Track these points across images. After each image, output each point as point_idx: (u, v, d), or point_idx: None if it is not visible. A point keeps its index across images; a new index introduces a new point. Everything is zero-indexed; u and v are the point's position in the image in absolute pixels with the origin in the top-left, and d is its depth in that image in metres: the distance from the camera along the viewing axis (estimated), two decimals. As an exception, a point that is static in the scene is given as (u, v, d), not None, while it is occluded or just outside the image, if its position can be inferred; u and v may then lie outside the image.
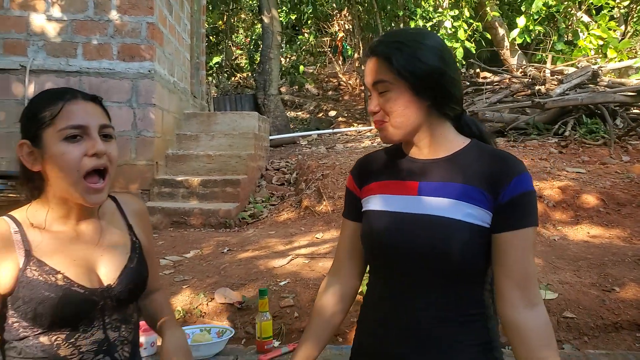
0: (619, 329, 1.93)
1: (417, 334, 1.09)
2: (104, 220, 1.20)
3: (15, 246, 1.08)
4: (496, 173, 1.07)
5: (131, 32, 4.81)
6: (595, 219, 3.11)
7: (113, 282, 1.15)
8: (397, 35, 1.16)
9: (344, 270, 1.26)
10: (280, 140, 8.22)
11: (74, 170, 1.07)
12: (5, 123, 4.75)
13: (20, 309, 1.08)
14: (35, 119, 1.11)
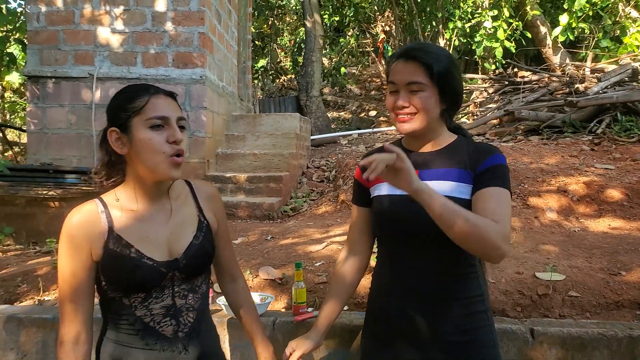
0: (620, 307, 2.12)
1: (420, 291, 1.39)
2: (176, 202, 1.39)
3: (102, 223, 1.31)
4: (478, 156, 1.38)
5: (184, 42, 5.26)
6: (618, 212, 3.24)
7: (179, 256, 1.34)
8: (430, 47, 1.44)
9: (357, 246, 1.56)
10: (321, 140, 8.53)
11: (160, 152, 1.27)
12: (76, 125, 5.31)
13: (106, 275, 1.31)
14: (124, 109, 1.29)
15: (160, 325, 1.32)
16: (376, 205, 1.46)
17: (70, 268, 1.31)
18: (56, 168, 4.38)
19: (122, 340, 1.33)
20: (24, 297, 2.77)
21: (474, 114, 7.31)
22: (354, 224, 1.58)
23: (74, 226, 1.31)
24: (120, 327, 1.33)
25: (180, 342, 1.34)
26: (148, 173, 1.30)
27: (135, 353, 1.31)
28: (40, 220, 4.06)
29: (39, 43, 5.34)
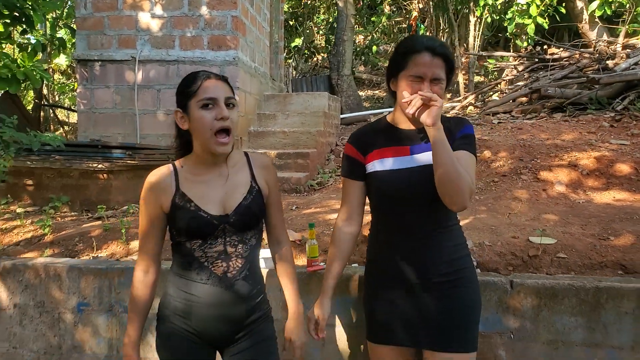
0: (604, 267, 2.32)
1: (417, 242, 1.69)
2: (233, 169, 1.68)
3: (171, 182, 1.63)
4: (452, 127, 1.70)
5: (218, 25, 5.58)
6: (625, 185, 3.37)
7: (230, 213, 1.63)
8: (445, 45, 1.70)
9: (354, 215, 1.82)
10: (351, 118, 8.74)
11: (208, 129, 1.54)
12: (120, 105, 5.75)
13: (172, 223, 1.64)
14: (184, 93, 1.58)
15: (213, 266, 1.63)
16: (376, 181, 1.70)
17: (146, 215, 1.66)
18: (104, 144, 4.82)
19: (184, 274, 1.65)
20: (81, 254, 3.19)
21: (502, 91, 7.35)
22: (351, 196, 1.80)
23: (152, 184, 1.64)
24: (183, 264, 1.66)
25: (227, 281, 1.63)
26: (202, 146, 1.60)
27: (192, 285, 1.64)
28: (91, 191, 4.50)
29: (87, 29, 5.78)
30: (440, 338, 1.67)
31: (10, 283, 2.74)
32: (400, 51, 1.68)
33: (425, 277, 1.68)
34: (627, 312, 1.97)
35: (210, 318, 1.64)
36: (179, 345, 1.67)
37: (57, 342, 2.69)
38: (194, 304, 1.64)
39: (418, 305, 1.69)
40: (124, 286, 2.60)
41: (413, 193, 1.66)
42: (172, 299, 1.68)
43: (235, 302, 1.65)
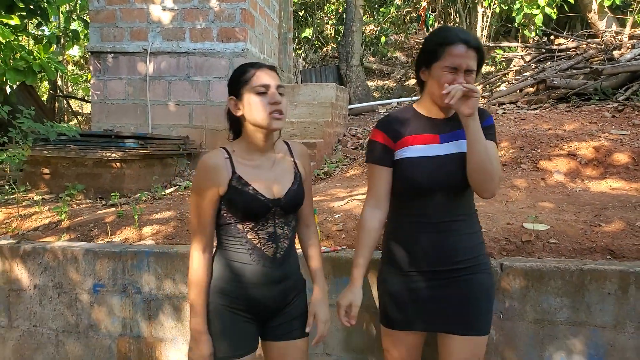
0: (593, 252, 2.42)
1: (438, 229, 1.76)
2: (278, 155, 1.80)
3: (227, 166, 1.71)
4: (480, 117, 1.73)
5: (228, 17, 5.69)
6: (622, 174, 3.45)
7: (281, 196, 1.74)
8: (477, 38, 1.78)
9: (381, 202, 1.83)
10: (360, 108, 8.80)
11: (263, 112, 1.65)
12: (133, 96, 5.91)
13: (228, 206, 1.72)
14: (238, 81, 1.69)
15: (264, 247, 1.74)
16: (407, 167, 1.74)
17: (204, 196, 1.71)
18: (117, 134, 4.98)
19: (232, 257, 1.74)
20: (96, 239, 3.34)
21: (510, 81, 7.39)
22: (379, 183, 1.80)
23: (210, 166, 1.71)
24: (233, 246, 1.74)
25: (277, 262, 1.76)
26: (257, 127, 1.70)
27: (242, 266, 1.73)
28: (105, 179, 4.65)
29: (99, 21, 5.93)
30: (459, 322, 1.74)
31: (31, 265, 2.91)
32: (435, 42, 1.72)
33: (445, 264, 1.74)
34: (610, 293, 2.07)
35: (260, 296, 1.75)
36: (229, 324, 1.75)
37: (75, 320, 2.86)
38: (244, 284, 1.74)
39: (436, 290, 1.75)
40: (136, 268, 2.75)
41: (440, 181, 1.72)
42: (221, 280, 1.76)
43: (282, 280, 1.78)
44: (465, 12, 9.89)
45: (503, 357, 2.21)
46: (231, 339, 1.75)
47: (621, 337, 2.07)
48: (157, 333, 2.74)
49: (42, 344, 2.91)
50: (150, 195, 4.45)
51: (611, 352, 2.09)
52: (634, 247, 2.36)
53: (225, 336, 1.75)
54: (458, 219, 1.76)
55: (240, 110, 1.70)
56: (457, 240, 1.75)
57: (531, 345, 2.17)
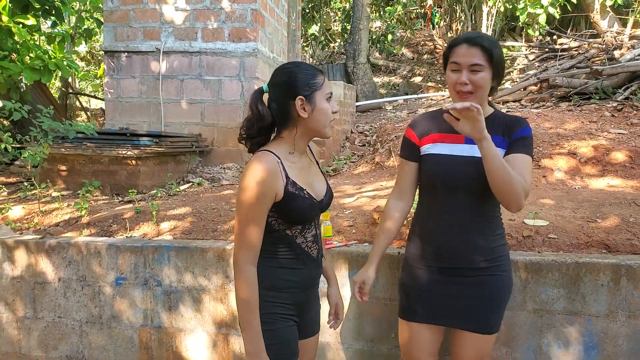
0: (589, 246, 2.56)
1: (460, 228, 1.81)
2: (308, 158, 1.81)
3: (281, 171, 1.64)
4: (511, 125, 1.82)
5: (239, 18, 5.83)
6: (619, 172, 3.58)
7: (323, 197, 1.77)
8: (487, 36, 1.82)
9: (405, 194, 1.94)
10: (366, 106, 8.92)
11: (329, 118, 1.69)
12: (146, 94, 6.06)
13: (281, 212, 1.65)
14: (310, 85, 1.65)
15: (310, 249, 1.75)
16: (431, 163, 1.83)
17: (261, 204, 1.61)
18: (132, 132, 5.13)
19: (283, 264, 1.71)
20: (116, 234, 3.49)
21: (513, 80, 7.49)
22: (405, 176, 1.90)
23: (270, 171, 1.61)
24: (282, 253, 1.71)
25: (318, 262, 1.80)
26: (314, 133, 1.71)
27: (292, 272, 1.72)
28: (120, 176, 4.81)
29: (113, 21, 6.08)
30: (472, 321, 1.82)
31: (55, 259, 3.05)
32: (447, 47, 1.82)
33: (464, 263, 1.80)
34: (603, 284, 2.22)
35: (305, 299, 1.80)
36: (285, 333, 1.73)
37: (98, 312, 3.01)
38: (295, 290, 1.74)
39: (454, 287, 1.81)
40: (157, 262, 2.89)
41: (462, 182, 1.76)
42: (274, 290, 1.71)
43: (318, 278, 1.86)
44: (471, 11, 9.98)
45: (504, 344, 2.36)
46: (289, 347, 1.74)
47: (613, 325, 2.22)
48: (177, 324, 2.88)
49: (66, 334, 3.06)
50: (165, 192, 4.61)
51: (604, 339, 2.24)
52: (627, 241, 2.50)
53: (286, 346, 1.72)
54: (480, 219, 1.80)
55: (305, 111, 1.66)
56: (477, 241, 1.78)
57: (530, 334, 2.32)
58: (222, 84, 5.84)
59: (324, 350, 2.61)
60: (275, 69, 1.76)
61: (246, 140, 1.74)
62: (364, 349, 2.57)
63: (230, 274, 2.75)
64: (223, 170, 5.63)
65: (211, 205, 3.78)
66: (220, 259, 2.77)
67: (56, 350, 3.09)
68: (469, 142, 1.76)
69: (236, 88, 5.83)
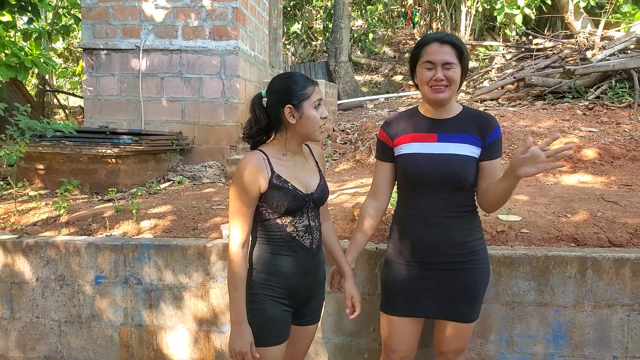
0: (560, 240, 2.65)
1: (436, 222, 1.89)
2: (304, 157, 1.97)
3: (267, 165, 1.84)
4: (483, 125, 1.89)
5: (220, 16, 5.82)
6: (589, 169, 3.70)
7: (313, 191, 1.91)
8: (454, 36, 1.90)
9: (381, 193, 2.01)
10: (348, 104, 8.97)
11: (317, 125, 1.84)
12: (125, 92, 6.02)
13: (268, 202, 1.84)
14: (298, 94, 1.82)
15: (302, 239, 1.89)
16: (405, 162, 1.90)
17: (247, 195, 1.81)
18: (112, 130, 5.10)
19: (274, 250, 1.87)
20: (95, 233, 3.46)
21: (491, 79, 7.63)
22: (379, 176, 1.99)
23: (253, 166, 1.82)
24: (274, 240, 1.88)
25: (312, 252, 1.92)
26: (304, 137, 1.88)
27: (283, 258, 1.87)
28: (100, 174, 4.78)
29: (92, 18, 6.02)
30: (453, 310, 1.90)
31: (33, 259, 3.03)
32: (415, 47, 1.89)
33: (442, 257, 1.87)
34: (570, 276, 2.31)
35: (298, 285, 1.90)
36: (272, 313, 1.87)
37: (77, 311, 3.00)
38: (286, 275, 1.87)
39: (434, 281, 1.88)
40: (137, 260, 2.90)
41: (436, 178, 1.84)
42: (265, 273, 1.88)
43: (317, 269, 1.96)
44: (450, 10, 10.11)
45: (479, 336, 2.44)
46: (274, 327, 1.88)
47: (580, 315, 2.31)
48: (158, 321, 2.90)
49: (44, 334, 3.05)
50: (145, 190, 4.59)
51: (572, 328, 2.33)
52: (594, 235, 2.60)
53: (270, 324, 1.87)
54: (456, 214, 1.87)
55: (294, 119, 1.83)
56: (454, 235, 1.86)
57: (503, 325, 2.40)
58: (203, 82, 5.83)
59: (304, 345, 2.66)
60: (273, 78, 1.95)
61: (248, 139, 1.94)
62: (343, 342, 2.62)
63: (211, 272, 2.78)
64: (204, 168, 5.63)
65: (192, 203, 3.79)
66: (201, 256, 2.79)
67: (34, 350, 3.07)
68: (441, 140, 1.85)
69: (217, 86, 5.83)
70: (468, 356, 2.45)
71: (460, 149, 1.84)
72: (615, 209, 2.89)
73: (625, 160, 3.71)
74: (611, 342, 2.29)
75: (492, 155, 1.87)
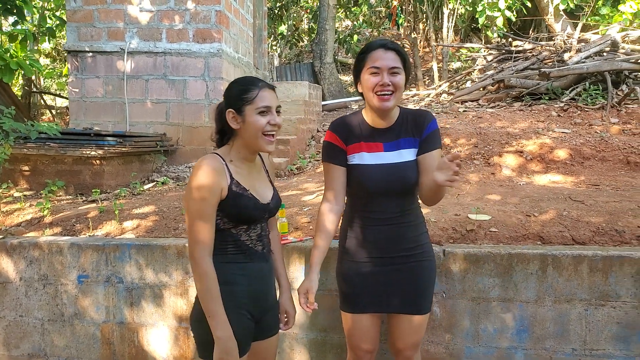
0: (527, 238, 2.77)
1: (389, 221, 1.97)
2: (257, 165, 1.91)
3: (226, 170, 1.76)
4: (419, 123, 1.97)
5: (203, 19, 5.89)
6: (561, 169, 3.82)
7: (270, 201, 1.88)
8: (396, 43, 1.92)
9: (338, 197, 2.00)
10: (333, 105, 9.07)
11: (260, 131, 1.74)
12: (111, 94, 6.05)
13: (225, 210, 1.74)
14: (240, 98, 1.74)
15: (255, 246, 1.86)
16: (357, 173, 1.93)
17: (208, 200, 1.71)
18: (97, 132, 5.14)
19: (231, 259, 1.81)
20: (79, 234, 3.52)
21: (473, 80, 7.77)
22: (335, 179, 1.96)
23: (212, 170, 1.72)
24: (229, 249, 1.81)
25: (265, 257, 1.91)
26: (250, 144, 1.80)
27: (241, 266, 1.83)
28: (85, 176, 4.81)
29: (77, 21, 6.05)
30: (407, 303, 1.97)
31: (17, 259, 3.08)
32: (359, 54, 1.91)
33: (393, 253, 1.95)
34: (532, 273, 2.42)
35: (259, 291, 1.88)
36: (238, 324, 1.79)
37: (60, 310, 3.06)
38: (245, 282, 1.83)
39: (387, 276, 1.96)
40: (119, 260, 2.97)
41: (386, 186, 1.92)
42: (226, 284, 1.78)
43: (271, 273, 1.96)
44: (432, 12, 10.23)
45: (446, 330, 2.54)
46: (242, 339, 1.80)
47: (541, 310, 2.42)
48: (139, 319, 2.96)
49: (28, 333, 3.10)
50: (129, 191, 4.65)
51: (534, 323, 2.44)
52: (559, 233, 2.72)
53: (238, 337, 1.78)
54: (407, 212, 1.97)
55: (238, 124, 1.77)
56: (404, 231, 1.97)
57: (469, 320, 2.51)
58: (187, 84, 5.89)
59: (280, 342, 2.75)
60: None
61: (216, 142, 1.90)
62: (317, 338, 2.71)
63: (190, 270, 2.83)
64: (188, 169, 5.69)
65: (174, 204, 3.86)
66: (181, 255, 2.86)
67: (18, 348, 3.12)
68: (387, 149, 1.93)
69: (201, 88, 5.89)
70: (436, 350, 2.56)
71: (404, 156, 1.93)
72: (581, 208, 3.01)
73: (595, 160, 3.84)
74: (570, 335, 2.41)
75: (428, 148, 1.93)
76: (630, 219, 2.78)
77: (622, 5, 7.40)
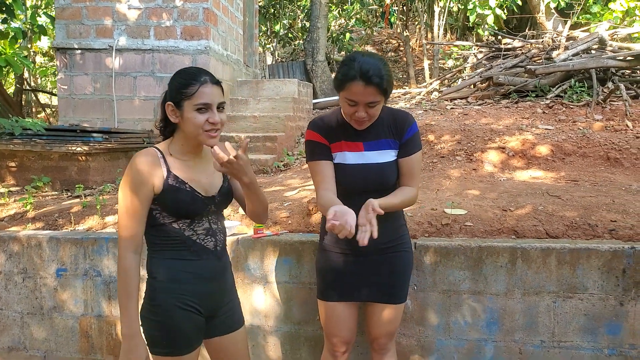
0: (501, 232, 2.78)
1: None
2: (207, 157, 1.82)
3: (161, 165, 1.69)
4: (399, 125, 1.99)
5: (191, 16, 5.90)
6: (542, 165, 3.83)
7: (215, 194, 1.79)
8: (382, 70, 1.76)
9: (332, 187, 1.97)
10: (324, 103, 9.07)
11: (200, 129, 1.66)
12: (99, 91, 6.07)
13: (163, 204, 1.69)
14: (180, 92, 1.66)
15: (204, 242, 1.78)
16: (339, 172, 1.95)
17: (137, 196, 1.66)
18: (82, 128, 5.15)
19: (174, 255, 1.74)
20: (61, 228, 3.53)
21: (464, 78, 7.78)
22: (328, 173, 1.94)
23: (142, 165, 1.67)
24: (172, 245, 1.74)
25: (218, 254, 1.82)
26: (191, 139, 1.74)
27: (186, 263, 1.75)
28: (71, 172, 4.83)
29: (65, 18, 6.06)
30: (384, 293, 2.03)
31: (-3, 253, 3.10)
32: (339, 76, 1.82)
33: (375, 244, 1.90)
34: (502, 265, 2.43)
35: (209, 290, 1.80)
36: (181, 319, 1.74)
37: (39, 303, 3.07)
38: (192, 280, 1.76)
39: (365, 267, 2.01)
40: (97, 253, 2.98)
41: (365, 185, 1.96)
42: (168, 280, 1.75)
43: (223, 273, 1.88)
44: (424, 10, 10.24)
45: (418, 323, 2.55)
46: (183, 336, 1.75)
47: (511, 302, 2.43)
48: (116, 312, 2.96)
49: (7, 326, 3.12)
50: (114, 187, 4.66)
51: (503, 315, 2.45)
52: (533, 228, 2.73)
53: (180, 333, 1.74)
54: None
55: (177, 118, 1.71)
56: (384, 225, 1.95)
57: (440, 313, 2.52)
58: (175, 81, 5.88)
59: (255, 335, 2.76)
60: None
61: (160, 131, 1.84)
62: (291, 331, 2.72)
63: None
64: (176, 166, 5.69)
65: (156, 199, 3.86)
66: (157, 249, 2.86)
67: (-3, 341, 3.13)
68: (367, 149, 1.95)
69: (188, 85, 5.89)
70: (408, 342, 2.57)
71: (383, 157, 1.96)
72: (557, 202, 3.02)
73: (576, 156, 3.85)
74: (539, 328, 2.42)
75: (408, 152, 1.97)
76: (604, 214, 2.79)
77: (613, 4, 7.43)
